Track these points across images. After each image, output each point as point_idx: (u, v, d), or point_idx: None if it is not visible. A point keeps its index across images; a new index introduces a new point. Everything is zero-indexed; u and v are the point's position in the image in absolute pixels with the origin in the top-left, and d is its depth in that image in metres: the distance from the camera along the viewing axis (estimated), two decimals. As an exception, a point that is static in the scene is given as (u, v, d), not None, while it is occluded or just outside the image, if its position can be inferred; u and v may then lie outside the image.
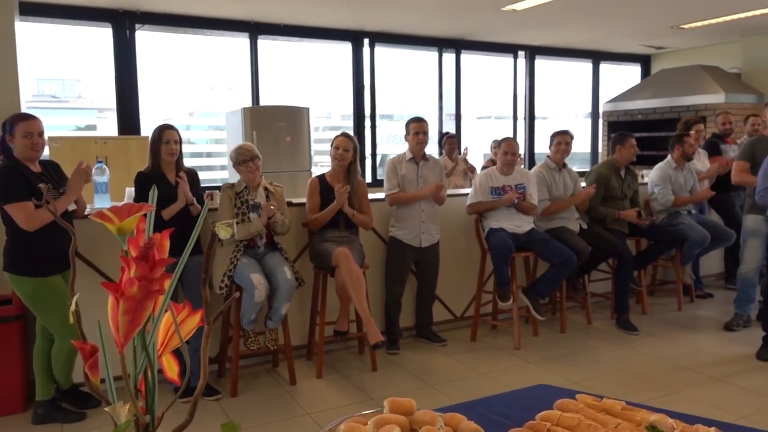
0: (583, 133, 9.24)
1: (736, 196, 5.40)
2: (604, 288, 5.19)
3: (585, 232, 4.61)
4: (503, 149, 4.35)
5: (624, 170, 4.85)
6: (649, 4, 5.99)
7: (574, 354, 4.11)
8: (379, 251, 4.30)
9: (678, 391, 3.48)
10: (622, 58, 9.15)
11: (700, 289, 5.52)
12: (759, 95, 7.30)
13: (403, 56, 8.16)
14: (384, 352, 4.06)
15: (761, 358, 3.94)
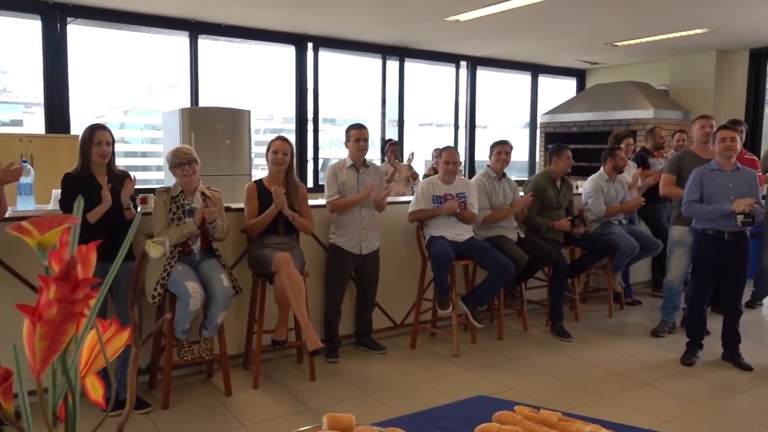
0: (521, 142, 9.48)
1: (663, 207, 5.65)
2: (539, 295, 5.33)
3: (522, 241, 4.71)
4: (444, 158, 4.40)
5: (560, 181, 4.99)
6: (584, 22, 6.21)
7: (511, 361, 4.19)
8: (319, 258, 4.25)
9: (609, 396, 3.59)
10: (559, 71, 9.45)
11: (630, 297, 5.74)
12: (685, 112, 7.68)
13: (346, 61, 8.14)
14: (323, 361, 4.02)
15: (685, 362, 4.13)
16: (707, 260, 4.12)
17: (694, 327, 4.22)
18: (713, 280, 4.18)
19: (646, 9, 5.64)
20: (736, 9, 5.58)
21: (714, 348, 4.25)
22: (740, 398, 3.64)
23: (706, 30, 6.42)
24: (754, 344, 4.40)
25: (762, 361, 4.14)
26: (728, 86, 7.64)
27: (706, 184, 4.06)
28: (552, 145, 5.28)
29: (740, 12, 5.68)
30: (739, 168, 4.10)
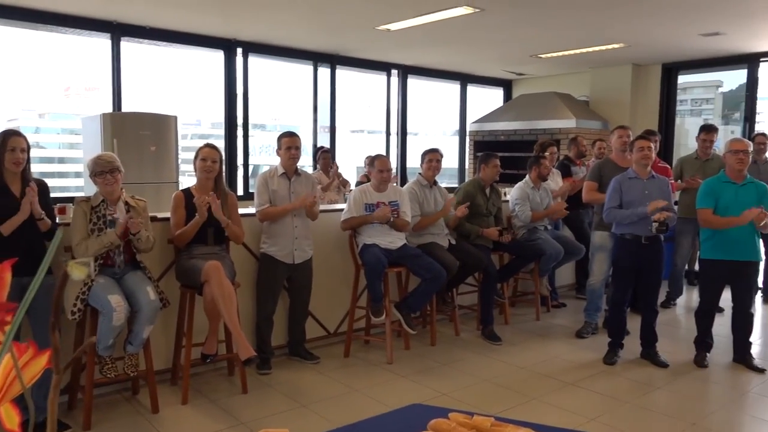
0: (451, 150, 9.67)
1: (585, 213, 5.90)
2: (470, 300, 5.44)
3: (453, 247, 4.79)
4: (377, 167, 4.42)
5: (489, 188, 5.12)
6: (510, 35, 6.42)
7: (444, 366, 4.25)
8: (250, 268, 4.17)
9: (537, 397, 3.70)
10: (486, 81, 9.72)
11: (556, 300, 5.95)
12: (604, 122, 8.07)
13: (277, 67, 8.05)
14: (255, 373, 3.94)
15: (607, 362, 4.32)
16: (626, 263, 4.33)
17: (615, 327, 4.43)
18: (632, 283, 4.40)
19: (568, 24, 5.90)
20: (649, 26, 5.92)
21: (633, 347, 4.47)
22: (658, 394, 3.84)
23: (622, 45, 6.77)
24: (669, 342, 4.66)
25: (677, 358, 4.39)
26: (643, 98, 8.09)
27: (625, 192, 4.28)
28: (481, 153, 5.42)
29: (653, 29, 6.04)
30: (654, 176, 4.34)
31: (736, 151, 4.17)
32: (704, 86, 9.42)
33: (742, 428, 3.45)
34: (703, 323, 4.37)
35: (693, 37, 6.28)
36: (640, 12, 5.40)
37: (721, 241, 4.17)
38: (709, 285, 4.35)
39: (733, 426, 3.47)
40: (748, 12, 5.32)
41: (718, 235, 4.18)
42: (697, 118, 8.91)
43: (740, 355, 4.32)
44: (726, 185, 4.20)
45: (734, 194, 4.12)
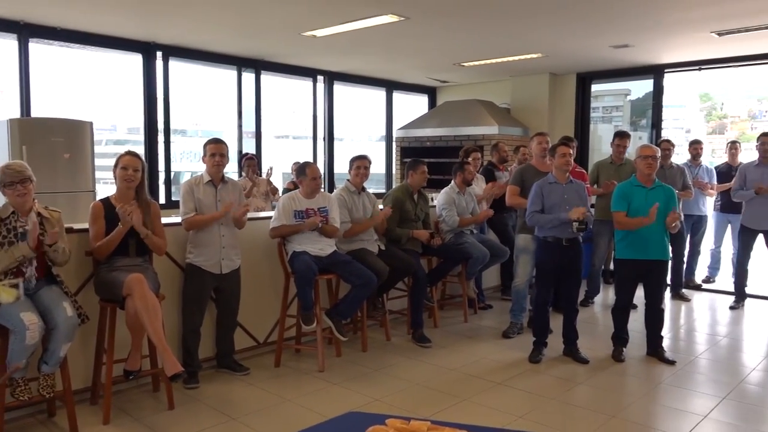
0: (378, 155, 9.74)
1: (509, 217, 6.09)
2: (400, 305, 5.49)
3: (383, 253, 4.82)
4: (310, 174, 4.37)
5: (417, 194, 5.20)
6: (434, 43, 6.56)
7: (376, 371, 4.26)
8: (174, 279, 4.03)
9: (468, 398, 3.78)
10: (411, 88, 9.87)
11: (482, 302, 6.11)
12: (524, 128, 8.37)
13: (199, 71, 7.84)
14: (182, 387, 3.80)
15: (532, 360, 4.47)
16: (549, 265, 4.51)
17: (539, 327, 4.60)
18: (554, 283, 4.59)
19: (489, 34, 6.09)
20: (565, 38, 6.21)
21: (556, 345, 4.66)
22: (580, 389, 4.01)
23: (540, 55, 7.06)
24: (589, 339, 4.88)
25: (596, 354, 4.60)
26: (560, 105, 8.46)
27: (546, 196, 4.46)
28: (408, 159, 5.49)
29: (568, 40, 6.33)
30: (572, 181, 4.55)
31: (645, 157, 4.43)
32: (614, 94, 9.97)
33: (656, 418, 3.66)
34: (619, 320, 4.61)
35: (604, 48, 6.64)
36: (557, 24, 5.65)
37: (634, 242, 4.42)
38: (624, 283, 4.60)
39: (649, 416, 3.67)
40: (653, 26, 5.68)
41: (631, 235, 4.43)
42: (608, 125, 9.41)
43: (653, 349, 4.59)
44: (637, 189, 4.46)
45: (644, 197, 4.38)
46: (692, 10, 5.08)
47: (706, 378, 4.25)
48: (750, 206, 5.96)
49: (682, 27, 5.68)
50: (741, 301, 6.24)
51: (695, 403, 3.78)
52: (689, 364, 4.49)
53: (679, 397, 3.90)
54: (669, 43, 6.40)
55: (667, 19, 5.40)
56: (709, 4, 4.91)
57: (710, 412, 3.60)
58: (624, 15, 5.28)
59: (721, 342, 5.12)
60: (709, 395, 3.88)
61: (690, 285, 6.93)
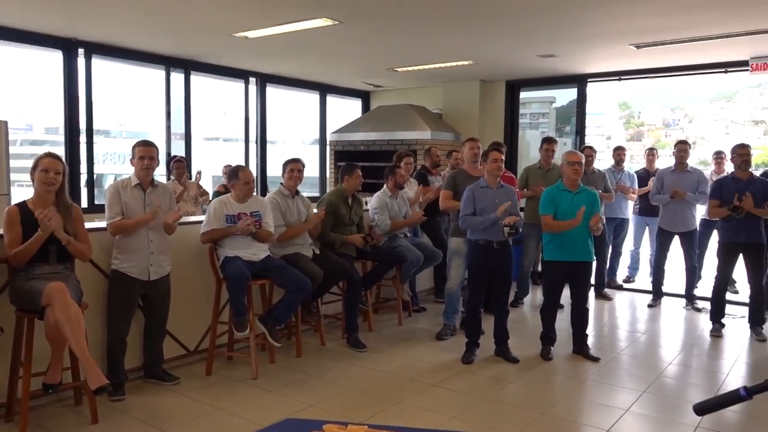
0: (311, 159, 9.68)
1: (442, 220, 6.19)
2: (335, 309, 5.46)
3: (317, 257, 4.79)
4: (243, 178, 4.28)
5: (351, 198, 5.20)
6: (368, 48, 6.59)
7: (311, 377, 4.22)
8: (99, 287, 3.85)
9: (403, 401, 3.80)
10: (345, 92, 9.87)
11: (417, 305, 6.17)
12: (456, 133, 8.54)
13: (125, 70, 7.55)
14: (106, 400, 3.63)
15: (465, 361, 4.56)
16: (480, 267, 4.61)
17: (471, 328, 4.69)
18: (485, 285, 4.70)
19: (422, 41, 6.18)
20: (495, 46, 6.38)
21: (488, 345, 4.77)
22: (511, 388, 4.12)
23: (471, 62, 7.22)
24: (519, 339, 5.02)
25: (526, 353, 4.74)
26: (490, 112, 8.68)
27: (478, 200, 4.56)
28: (343, 163, 5.49)
29: (497, 49, 6.51)
30: (502, 185, 4.68)
31: (572, 163, 4.61)
32: (541, 102, 10.33)
33: (583, 413, 3.81)
34: (546, 319, 4.78)
35: (532, 57, 6.87)
36: (486, 33, 5.80)
37: (561, 244, 4.59)
38: (551, 284, 4.77)
39: (576, 412, 3.82)
40: (577, 38, 5.93)
41: (557, 238, 4.60)
42: (535, 131, 9.75)
43: (579, 347, 4.78)
44: (563, 193, 4.63)
45: (570, 201, 4.56)
46: (612, 24, 5.34)
47: (628, 373, 4.46)
48: (666, 210, 6.31)
49: (603, 39, 5.96)
50: (658, 300, 6.59)
51: (618, 397, 3.95)
52: (612, 361, 4.70)
53: (603, 392, 4.07)
54: (591, 54, 6.70)
55: (589, 31, 5.65)
56: (627, 20, 5.18)
57: (631, 405, 3.79)
58: (549, 26, 5.49)
59: (641, 338, 5.39)
60: (630, 389, 4.08)
61: (612, 285, 7.27)
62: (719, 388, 4.14)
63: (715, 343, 5.26)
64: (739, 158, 5.26)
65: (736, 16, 5.01)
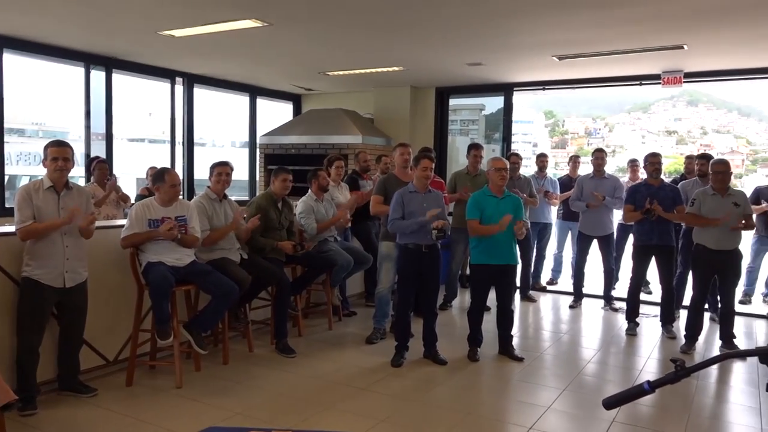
0: (241, 162, 9.50)
1: (373, 225, 6.22)
2: (264, 315, 5.38)
3: (245, 261, 4.71)
4: (169, 181, 4.13)
5: (281, 202, 5.14)
6: (298, 51, 6.54)
7: (238, 384, 4.13)
8: (8, 295, 3.63)
9: (331, 405, 3.79)
10: (276, 94, 9.75)
11: (347, 309, 6.17)
12: (387, 138, 8.61)
13: (41, 67, 7.16)
14: (16, 415, 3.42)
15: (394, 364, 4.59)
16: (409, 271, 4.67)
17: (400, 331, 4.73)
18: (415, 288, 4.75)
19: (353, 45, 6.20)
20: (424, 53, 6.48)
21: (417, 348, 4.82)
22: (439, 389, 4.19)
23: (401, 68, 7.31)
24: (447, 341, 5.10)
25: (454, 355, 4.83)
26: (421, 117, 8.80)
27: (407, 204, 4.62)
28: (273, 166, 5.42)
29: (427, 56, 6.62)
30: (431, 190, 4.76)
31: (498, 169, 4.75)
32: (470, 109, 10.56)
33: (507, 412, 3.92)
34: (473, 321, 4.89)
35: (460, 65, 7.02)
36: (416, 40, 5.88)
37: (487, 248, 4.71)
38: (478, 287, 4.88)
39: (501, 411, 3.93)
40: (503, 48, 6.11)
41: (484, 242, 4.72)
42: (465, 137, 9.95)
43: (504, 348, 4.91)
44: (489, 198, 4.76)
45: (496, 206, 4.69)
46: (535, 35, 5.54)
47: (550, 372, 4.63)
48: (586, 215, 6.60)
49: (527, 50, 6.17)
50: (579, 301, 6.88)
51: (541, 395, 4.09)
52: (536, 360, 4.86)
53: (527, 391, 4.20)
54: (516, 63, 6.92)
55: (514, 42, 5.84)
56: (549, 31, 5.39)
57: (552, 403, 3.93)
58: (477, 35, 5.63)
59: (563, 338, 5.61)
60: (552, 388, 4.23)
61: (536, 287, 7.52)
62: (633, 383, 4.35)
63: (630, 341, 5.54)
64: (651, 166, 5.58)
65: (650, 33, 5.31)
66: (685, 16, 4.76)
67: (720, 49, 5.85)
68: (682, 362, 1.47)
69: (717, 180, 5.08)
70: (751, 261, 6.92)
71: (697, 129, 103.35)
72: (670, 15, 4.74)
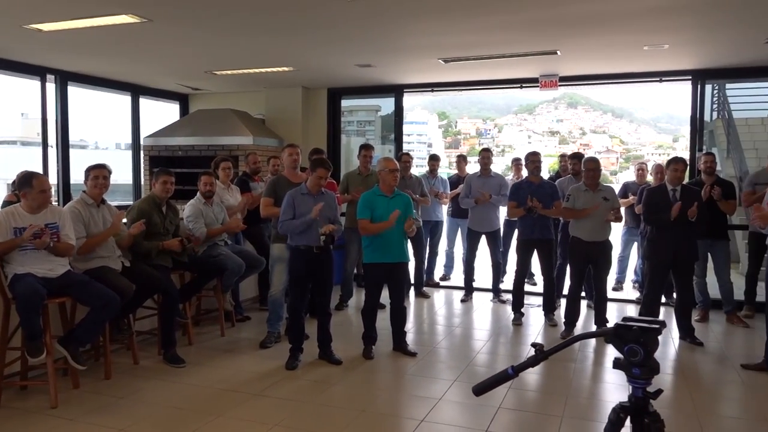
0: (125, 164, 9.01)
1: (266, 227, 6.11)
2: (150, 325, 5.13)
3: (128, 269, 4.46)
4: (38, 187, 3.83)
5: (165, 206, 4.92)
6: (182, 49, 6.29)
7: (121, 399, 3.91)
8: None
9: (222, 414, 3.68)
10: (161, 94, 9.32)
11: (240, 314, 6.02)
12: (280, 140, 8.48)
13: None
14: None
15: (289, 367, 4.54)
16: (301, 272, 4.64)
17: (295, 333, 4.69)
18: (308, 290, 4.73)
19: (240, 44, 6.04)
20: (313, 54, 6.45)
21: (313, 350, 4.80)
22: (334, 390, 4.19)
23: (291, 68, 7.23)
24: (343, 341, 5.12)
25: (349, 354, 4.85)
26: (313, 118, 8.76)
27: (298, 206, 4.58)
28: (156, 169, 5.18)
29: (316, 56, 6.59)
30: (323, 191, 4.75)
31: (392, 170, 4.82)
32: (367, 110, 10.67)
33: (401, 406, 4.00)
34: (368, 320, 4.94)
35: (351, 66, 7.06)
36: (304, 40, 5.84)
37: (378, 246, 4.78)
38: (371, 285, 4.94)
39: (395, 405, 3.99)
40: (391, 49, 6.21)
41: (375, 241, 4.78)
42: (362, 138, 10.04)
43: (397, 344, 5.01)
44: (379, 198, 4.83)
45: (386, 205, 4.76)
46: (421, 38, 5.68)
47: (444, 365, 4.77)
48: (474, 212, 6.88)
49: (415, 52, 6.32)
50: (469, 295, 7.14)
51: (433, 388, 4.20)
52: (429, 354, 4.99)
53: (420, 384, 4.31)
54: (405, 65, 7.06)
55: (401, 44, 5.95)
56: (433, 35, 5.55)
57: (444, 394, 4.05)
58: (364, 37, 5.69)
59: (455, 331, 5.80)
60: (444, 380, 4.36)
61: (430, 283, 7.73)
62: (519, 370, 4.58)
63: (516, 330, 5.83)
64: (531, 164, 5.91)
65: (526, 39, 5.61)
66: (555, 24, 5.08)
67: (589, 55, 6.30)
68: (541, 346, 1.57)
69: (588, 177, 5.47)
70: (622, 251, 7.51)
71: (577, 129, 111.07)
72: (542, 22, 5.03)
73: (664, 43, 5.66)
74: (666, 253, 5.21)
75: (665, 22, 4.98)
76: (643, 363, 1.48)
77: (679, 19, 4.88)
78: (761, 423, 3.68)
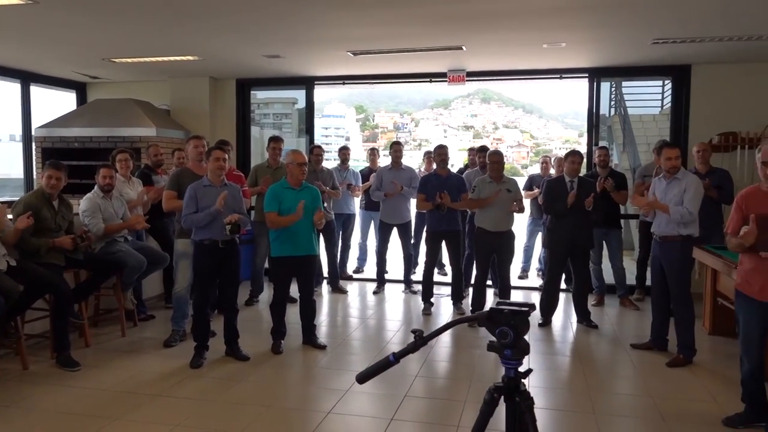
0: (15, 157, 8.40)
1: (170, 222, 5.88)
2: (42, 327, 4.82)
3: (14, 269, 4.16)
4: None
5: (57, 200, 4.63)
6: (75, 35, 5.91)
7: (6, 408, 3.65)
8: None
9: (119, 417, 3.52)
10: (55, 82, 8.74)
11: (144, 313, 5.77)
12: (186, 131, 8.18)
13: None
14: None
15: (194, 366, 4.42)
16: (206, 267, 4.51)
17: (200, 331, 4.55)
18: (214, 286, 4.60)
19: (140, 31, 5.75)
20: (219, 43, 6.25)
21: (220, 347, 4.68)
22: (240, 386, 4.10)
23: (198, 58, 6.98)
24: (251, 336, 5.03)
25: (258, 350, 4.78)
26: (221, 109, 8.51)
27: (201, 199, 4.45)
28: (48, 161, 4.85)
29: (222, 46, 6.39)
30: (227, 183, 4.63)
31: (300, 164, 4.77)
32: (283, 102, 10.49)
33: (309, 399, 3.97)
34: (276, 314, 4.88)
35: (258, 57, 6.90)
36: (208, 28, 5.64)
37: (286, 239, 4.72)
38: (279, 279, 4.88)
39: (303, 399, 3.96)
40: (299, 41, 6.12)
41: (283, 234, 4.72)
42: (279, 131, 9.87)
43: (308, 337, 4.98)
44: (287, 191, 4.77)
45: (294, 198, 4.71)
46: (328, 29, 5.64)
47: (354, 356, 4.79)
48: (385, 205, 6.93)
49: (323, 44, 6.26)
50: (382, 286, 7.21)
51: (342, 379, 4.21)
52: (340, 346, 4.99)
53: (329, 377, 4.31)
54: (314, 57, 6.99)
55: (308, 35, 5.88)
56: (341, 27, 5.52)
57: (352, 386, 4.06)
58: (270, 27, 5.57)
59: (368, 322, 5.84)
60: (354, 371, 4.36)
61: (343, 276, 7.73)
62: (426, 359, 4.68)
63: (426, 320, 5.95)
64: (438, 157, 6.03)
65: (431, 33, 5.69)
66: (460, 20, 5.18)
67: (493, 51, 6.49)
68: (420, 332, 1.60)
69: (493, 169, 5.65)
70: (527, 240, 7.83)
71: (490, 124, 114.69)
72: (447, 17, 5.12)
73: (562, 41, 5.92)
74: (564, 241, 5.47)
75: (562, 21, 5.20)
76: (513, 344, 1.55)
77: (574, 18, 5.12)
78: (646, 398, 3.95)
